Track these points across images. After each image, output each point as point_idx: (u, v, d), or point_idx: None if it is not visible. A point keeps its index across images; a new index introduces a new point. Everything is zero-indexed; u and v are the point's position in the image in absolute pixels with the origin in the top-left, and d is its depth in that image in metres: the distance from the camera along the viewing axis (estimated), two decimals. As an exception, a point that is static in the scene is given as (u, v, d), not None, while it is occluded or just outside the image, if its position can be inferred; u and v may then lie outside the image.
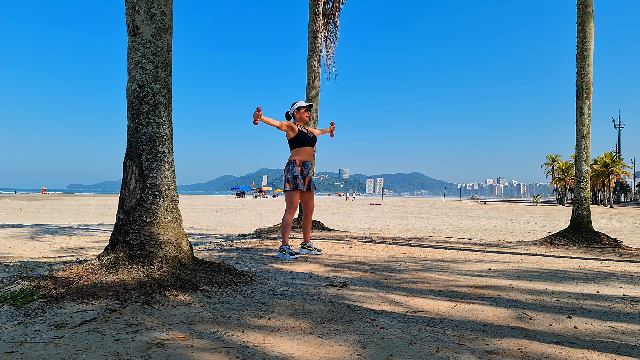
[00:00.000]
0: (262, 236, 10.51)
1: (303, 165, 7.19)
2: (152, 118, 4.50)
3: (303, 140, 7.16)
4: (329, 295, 4.30)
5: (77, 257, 7.52)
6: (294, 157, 7.17)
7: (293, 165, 7.11)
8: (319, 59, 13.24)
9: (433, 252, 7.87)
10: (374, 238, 10.22)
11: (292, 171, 7.09)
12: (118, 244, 4.33)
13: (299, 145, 7.16)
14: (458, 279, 5.35)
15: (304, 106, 7.37)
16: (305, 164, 7.22)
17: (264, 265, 5.97)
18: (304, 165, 7.20)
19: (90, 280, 3.90)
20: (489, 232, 16.80)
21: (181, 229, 4.64)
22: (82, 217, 22.60)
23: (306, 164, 7.23)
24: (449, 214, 33.69)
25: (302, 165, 7.18)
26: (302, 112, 7.35)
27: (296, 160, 7.13)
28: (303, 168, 7.18)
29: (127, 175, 4.47)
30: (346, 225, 19.55)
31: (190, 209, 36.10)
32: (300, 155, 7.17)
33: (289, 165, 7.14)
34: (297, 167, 7.11)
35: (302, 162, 7.18)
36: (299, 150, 7.17)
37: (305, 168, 7.22)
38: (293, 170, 7.09)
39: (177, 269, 4.24)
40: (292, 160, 7.16)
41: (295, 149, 7.18)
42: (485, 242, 10.31)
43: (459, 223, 22.96)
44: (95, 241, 11.40)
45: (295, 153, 7.18)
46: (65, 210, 29.87)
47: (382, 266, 6.19)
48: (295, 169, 7.09)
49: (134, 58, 4.53)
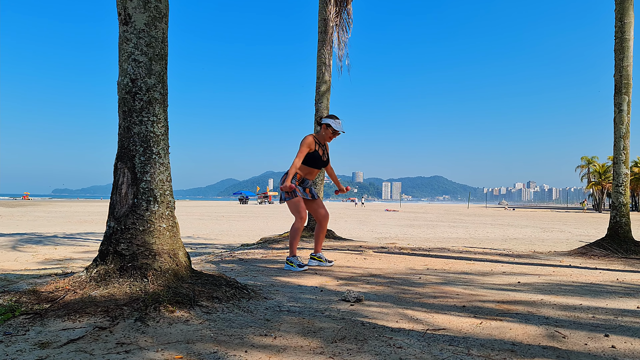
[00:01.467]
0: (268, 246, 10.50)
1: (302, 182, 7.24)
2: (145, 115, 4.49)
3: (312, 161, 7.15)
4: (341, 311, 4.27)
5: (63, 269, 7.53)
6: (298, 170, 7.16)
7: (293, 177, 7.10)
8: (330, 50, 13.21)
9: (456, 264, 7.83)
10: (390, 248, 10.19)
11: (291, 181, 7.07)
12: (108, 255, 4.32)
13: (307, 164, 7.15)
14: (484, 293, 5.31)
15: (336, 131, 7.27)
16: (305, 182, 7.28)
17: (269, 279, 5.96)
18: (303, 183, 7.26)
19: (77, 294, 3.89)
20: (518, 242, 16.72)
21: (178, 238, 4.63)
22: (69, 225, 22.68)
23: (305, 181, 7.29)
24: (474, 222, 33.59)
25: (301, 181, 7.23)
26: (330, 132, 7.27)
27: (297, 174, 7.14)
28: (302, 183, 7.24)
29: (118, 178, 4.47)
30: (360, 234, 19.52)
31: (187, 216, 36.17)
32: (304, 172, 7.19)
33: (286, 175, 7.10)
34: (295, 180, 7.10)
35: (302, 178, 7.22)
36: (305, 168, 7.17)
37: (304, 184, 7.28)
38: (293, 180, 7.08)
39: (173, 282, 4.23)
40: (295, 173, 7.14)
41: (303, 166, 7.17)
42: (513, 253, 10.25)
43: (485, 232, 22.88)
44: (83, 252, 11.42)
45: (302, 168, 7.18)
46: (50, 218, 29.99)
47: (399, 279, 6.16)
48: (293, 181, 7.07)
49: (125, 49, 4.53)
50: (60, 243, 13.62)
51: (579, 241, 17.22)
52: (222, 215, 39.95)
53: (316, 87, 13.21)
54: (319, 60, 13.26)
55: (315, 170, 7.28)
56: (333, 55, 13.39)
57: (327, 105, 13.06)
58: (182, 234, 16.11)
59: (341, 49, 13.58)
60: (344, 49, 13.65)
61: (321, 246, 7.54)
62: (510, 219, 39.91)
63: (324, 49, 13.17)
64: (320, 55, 13.23)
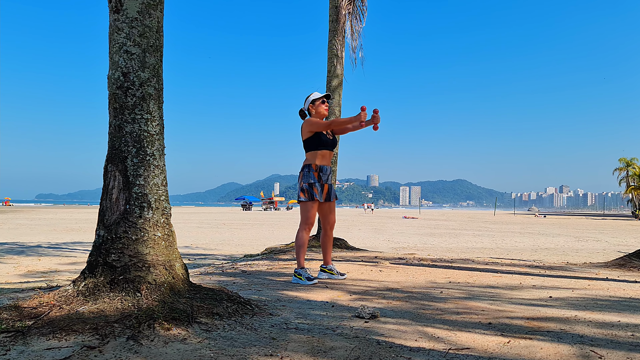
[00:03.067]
0: (273, 257, 10.50)
1: (320, 171, 7.13)
2: (138, 113, 4.49)
3: (321, 143, 7.12)
4: (355, 328, 4.26)
5: (48, 282, 7.55)
6: (309, 160, 7.14)
7: (309, 171, 7.06)
8: (342, 41, 13.17)
9: (481, 277, 7.80)
10: (409, 259, 10.16)
11: (307, 178, 7.05)
12: (97, 267, 4.32)
13: (315, 148, 7.12)
14: (512, 309, 5.28)
15: (320, 97, 7.27)
16: (323, 169, 7.16)
17: (275, 293, 5.95)
18: (322, 171, 7.15)
19: (63, 310, 3.89)
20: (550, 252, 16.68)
21: (174, 248, 4.63)
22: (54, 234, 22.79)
23: (324, 169, 7.18)
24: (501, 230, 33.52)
25: (320, 171, 7.13)
26: (319, 105, 7.24)
27: (312, 165, 7.09)
28: (321, 174, 7.13)
29: (109, 182, 4.47)
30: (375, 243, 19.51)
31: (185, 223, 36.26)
32: (317, 159, 7.13)
33: (303, 171, 7.10)
34: (313, 173, 7.05)
35: (320, 167, 7.14)
36: (315, 154, 7.12)
37: (324, 174, 7.16)
38: (309, 176, 7.05)
39: (169, 296, 4.22)
40: (307, 164, 7.12)
41: (310, 152, 7.14)
42: (544, 265, 10.20)
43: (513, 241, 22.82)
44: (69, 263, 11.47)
45: (310, 157, 7.14)
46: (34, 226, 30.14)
47: (419, 293, 6.13)
48: (312, 175, 7.04)
49: (116, 40, 4.53)
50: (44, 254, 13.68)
51: (617, 252, 17.15)
52: (223, 222, 40.04)
53: (327, 82, 13.17)
54: (329, 52, 13.21)
55: (329, 153, 7.24)
56: (345, 47, 13.36)
57: (339, 101, 12.99)
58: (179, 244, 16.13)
59: (354, 39, 13.56)
60: (358, 39, 13.64)
61: (330, 256, 7.51)
62: (541, 227, 39.80)
63: (336, 40, 13.13)
64: (331, 47, 13.18)
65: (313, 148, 7.12)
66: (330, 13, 13.28)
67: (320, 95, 7.29)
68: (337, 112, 12.78)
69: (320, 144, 7.10)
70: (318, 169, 7.11)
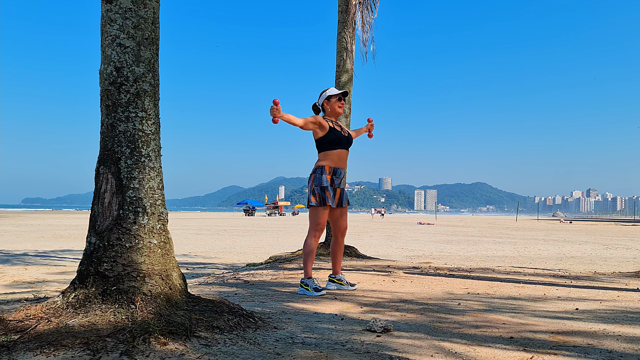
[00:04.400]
0: (278, 266, 10.50)
1: (334, 174, 7.10)
2: (133, 111, 4.49)
3: (335, 141, 7.07)
4: (366, 343, 4.24)
5: (35, 293, 7.56)
6: (322, 162, 7.09)
7: (321, 173, 7.02)
8: (352, 33, 13.14)
9: (502, 287, 7.78)
10: (424, 269, 10.15)
11: (319, 181, 7.01)
12: (89, 277, 4.32)
13: (329, 148, 7.08)
14: (535, 322, 5.26)
15: (337, 94, 7.23)
16: (337, 172, 7.13)
17: (280, 305, 5.95)
18: (335, 174, 7.11)
19: (52, 324, 3.89)
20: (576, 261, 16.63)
21: (171, 256, 4.63)
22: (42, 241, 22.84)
23: (338, 171, 7.14)
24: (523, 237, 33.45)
25: (333, 174, 7.10)
26: (334, 102, 7.21)
27: (325, 167, 7.05)
28: (334, 177, 7.10)
29: (101, 186, 4.47)
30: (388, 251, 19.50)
31: (183, 230, 36.30)
32: (331, 160, 7.08)
33: (315, 173, 7.06)
34: (325, 176, 7.01)
35: (333, 169, 7.10)
36: (328, 154, 7.09)
37: (337, 177, 7.13)
38: (321, 179, 7.00)
39: (165, 309, 4.22)
40: (319, 166, 7.08)
41: (324, 152, 7.10)
42: (570, 274, 10.17)
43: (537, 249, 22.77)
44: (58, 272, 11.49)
45: (323, 157, 7.10)
46: (20, 232, 30.22)
47: (435, 305, 6.12)
48: (324, 178, 7.00)
49: (109, 32, 4.53)
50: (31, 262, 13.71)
51: (650, 260, 17.10)
52: (223, 229, 40.07)
53: (336, 77, 13.14)
54: (339, 45, 13.18)
55: (344, 152, 7.20)
56: (356, 40, 13.33)
57: (348, 99, 12.97)
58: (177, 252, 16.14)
59: (365, 31, 13.55)
60: (369, 31, 13.63)
61: (340, 266, 7.49)
62: (567, 234, 39.72)
63: (345, 32, 13.10)
64: (340, 40, 13.15)
65: (325, 147, 7.09)
66: (339, 3, 13.25)
67: (338, 92, 7.24)
68: (346, 109, 12.75)
69: (333, 142, 7.07)
70: (331, 171, 7.07)
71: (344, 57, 13.05)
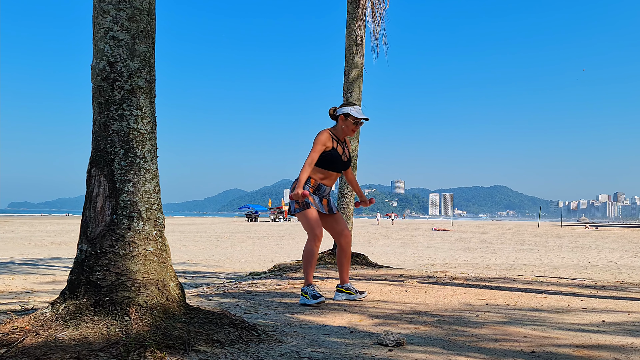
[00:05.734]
0: (283, 275, 10.50)
1: (317, 188, 7.15)
2: (127, 109, 4.49)
3: (329, 162, 7.10)
4: (377, 358, 4.24)
5: (22, 304, 7.56)
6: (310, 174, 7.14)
7: (305, 184, 7.03)
8: (362, 25, 13.09)
9: (523, 298, 7.76)
10: (439, 278, 10.14)
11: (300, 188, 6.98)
12: (80, 286, 4.31)
13: (323, 166, 7.11)
14: (558, 335, 5.25)
15: (358, 119, 7.17)
16: (321, 188, 7.19)
17: (285, 316, 5.94)
18: (319, 189, 7.17)
19: (40, 337, 3.89)
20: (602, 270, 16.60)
21: (168, 265, 4.63)
22: (29, 248, 22.90)
23: (322, 187, 7.20)
24: (546, 244, 33.41)
25: (317, 188, 7.15)
26: (350, 122, 7.17)
27: (310, 179, 7.09)
28: (317, 191, 7.15)
29: (93, 189, 4.47)
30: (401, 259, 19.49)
31: (181, 236, 36.35)
32: (318, 177, 7.13)
33: (297, 181, 7.07)
34: (308, 187, 7.05)
35: (318, 184, 7.15)
36: (320, 171, 7.13)
37: (320, 192, 7.19)
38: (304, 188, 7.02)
39: (162, 321, 4.21)
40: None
41: (316, 167, 7.12)
42: (596, 284, 10.15)
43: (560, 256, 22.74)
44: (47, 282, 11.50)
45: (314, 171, 7.12)
46: (6, 239, 30.30)
47: (451, 317, 6.11)
48: (306, 188, 7.03)
49: (101, 24, 4.53)
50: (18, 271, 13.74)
51: (683, 269, 17.05)
52: (224, 235, 40.13)
53: (345, 73, 13.09)
54: (348, 39, 13.12)
55: (334, 174, 7.22)
56: (366, 32, 13.28)
57: (358, 95, 12.91)
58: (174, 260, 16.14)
59: (377, 23, 13.51)
60: (380, 23, 13.59)
61: (347, 274, 7.48)
62: (593, 241, 39.65)
63: (355, 24, 13.05)
64: (349, 32, 13.09)
65: (321, 164, 7.09)
66: (348, -8, 13.22)
67: (360, 116, 7.15)
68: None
69: (331, 165, 7.12)
70: (316, 185, 7.12)
71: (354, 51, 12.99)
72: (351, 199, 12.60)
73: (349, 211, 12.63)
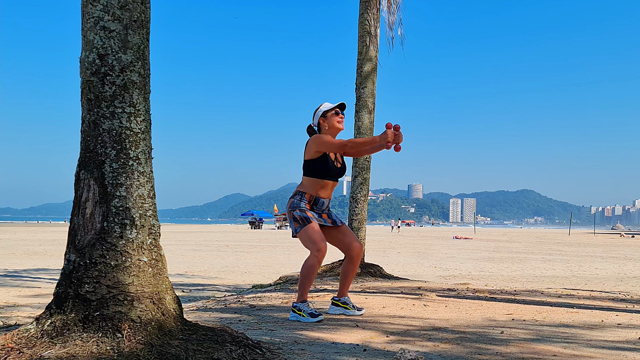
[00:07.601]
0: (290, 288, 10.51)
1: (315, 203, 7.14)
2: (119, 106, 4.49)
3: (322, 170, 7.07)
4: (393, 379, 4.23)
5: (4, 320, 7.57)
6: (304, 188, 7.12)
7: (300, 200, 7.03)
8: (376, 14, 13.07)
9: (552, 313, 7.75)
10: (461, 291, 10.13)
11: (297, 205, 7.01)
12: (67, 300, 4.31)
13: (316, 175, 7.08)
14: (591, 353, 5.23)
15: (332, 108, 7.18)
16: (318, 202, 7.16)
17: (292, 333, 5.94)
18: (316, 204, 7.15)
19: (24, 355, 3.89)
20: (639, 282, 16.56)
21: (164, 276, 4.62)
22: (12, 259, 22.99)
23: (320, 201, 7.17)
24: (577, 254, 33.38)
25: (314, 203, 7.13)
26: (332, 117, 7.15)
27: (305, 194, 7.07)
28: (314, 206, 7.14)
29: (82, 194, 4.47)
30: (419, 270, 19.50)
31: (178, 245, 36.43)
32: (314, 189, 7.10)
33: (294, 198, 7.07)
34: (305, 203, 7.03)
35: (315, 198, 7.13)
36: (314, 182, 7.10)
37: (317, 207, 7.16)
38: (299, 204, 7.01)
39: (157, 338, 4.21)
40: (299, 191, 7.11)
41: (309, 178, 7.11)
42: (633, 297, 10.12)
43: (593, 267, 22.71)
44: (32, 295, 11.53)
45: (307, 184, 7.12)
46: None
47: (473, 334, 6.10)
48: (303, 204, 7.01)
49: (91, 13, 4.53)
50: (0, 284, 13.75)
51: None
52: (225, 244, 40.19)
53: (357, 67, 13.06)
54: (361, 29, 13.10)
55: (330, 183, 7.17)
56: (381, 23, 13.26)
57: (372, 90, 12.87)
58: (171, 271, 16.19)
59: (392, 13, 13.51)
60: (396, 12, 13.59)
61: (347, 288, 7.43)
62: (629, 250, 39.57)
63: (368, 13, 13.02)
64: (362, 22, 13.06)
65: (314, 174, 7.07)
66: (361, -20, 13.20)
67: (332, 105, 7.18)
68: (369, 104, 12.68)
69: (324, 172, 7.06)
70: (312, 200, 7.10)
71: (367, 43, 12.94)
72: (364, 205, 12.58)
73: (361, 217, 12.61)
